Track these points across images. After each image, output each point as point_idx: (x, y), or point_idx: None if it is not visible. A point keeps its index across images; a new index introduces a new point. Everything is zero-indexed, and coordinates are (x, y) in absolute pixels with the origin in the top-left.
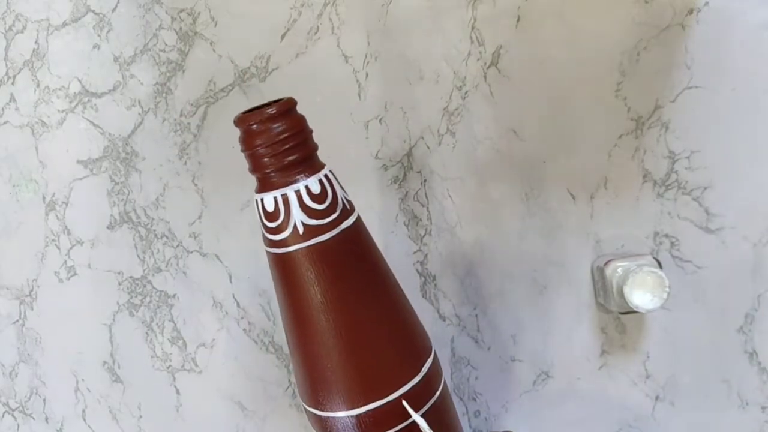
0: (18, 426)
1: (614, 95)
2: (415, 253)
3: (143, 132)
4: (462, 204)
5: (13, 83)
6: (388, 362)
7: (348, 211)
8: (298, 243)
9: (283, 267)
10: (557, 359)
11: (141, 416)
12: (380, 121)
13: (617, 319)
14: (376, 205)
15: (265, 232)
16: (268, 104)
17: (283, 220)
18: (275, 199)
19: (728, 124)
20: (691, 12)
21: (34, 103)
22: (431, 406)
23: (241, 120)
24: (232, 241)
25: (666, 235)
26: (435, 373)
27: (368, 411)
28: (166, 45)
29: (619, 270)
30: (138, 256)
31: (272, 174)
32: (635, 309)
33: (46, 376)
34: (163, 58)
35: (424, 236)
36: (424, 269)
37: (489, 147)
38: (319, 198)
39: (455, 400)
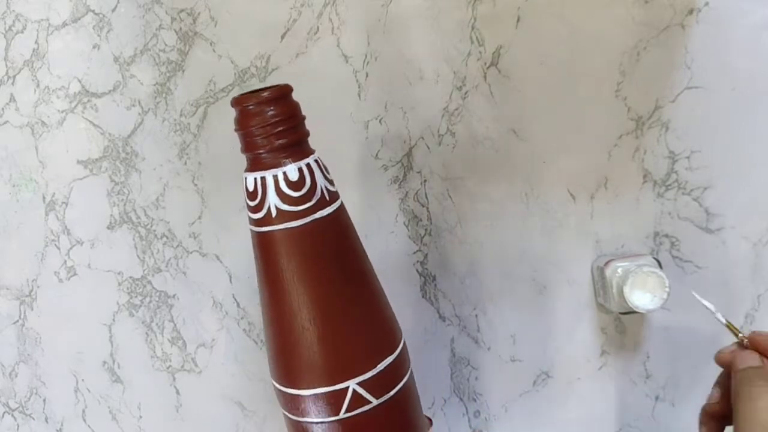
0: (18, 426)
1: (614, 95)
2: (415, 253)
3: (143, 132)
4: (462, 204)
5: (13, 83)
6: (351, 347)
7: (326, 201)
8: (271, 225)
9: (258, 245)
10: (557, 359)
11: (141, 416)
12: (380, 121)
13: (617, 319)
14: (376, 205)
15: (247, 209)
16: (266, 88)
17: (260, 201)
18: (255, 180)
19: (728, 124)
20: (691, 12)
21: (34, 103)
22: (402, 386)
23: (238, 101)
24: (232, 241)
25: (666, 235)
26: (405, 356)
27: (331, 391)
28: (166, 45)
29: (619, 270)
30: (138, 256)
31: (262, 154)
32: (635, 309)
33: (46, 376)
34: (163, 58)
35: (424, 236)
36: (424, 269)
37: (489, 147)
38: (295, 185)
39: (455, 400)
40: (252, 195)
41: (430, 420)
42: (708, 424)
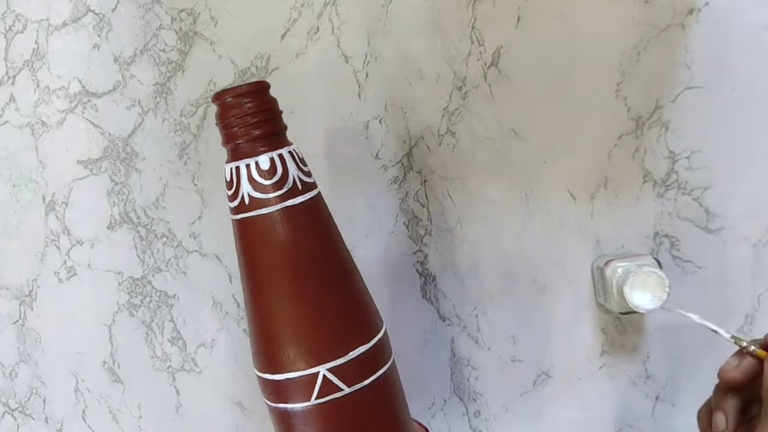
0: (18, 426)
1: (614, 95)
2: (415, 253)
3: (143, 132)
4: (462, 204)
5: (13, 83)
6: (322, 332)
7: (298, 190)
8: (245, 212)
9: (236, 233)
10: (557, 359)
11: (141, 416)
12: (380, 121)
13: (617, 319)
14: (376, 205)
15: (227, 199)
16: (245, 84)
17: (235, 189)
18: (231, 170)
19: (728, 124)
20: (691, 12)
21: (34, 103)
22: (379, 376)
23: (218, 95)
24: (232, 241)
25: (666, 235)
26: (384, 346)
27: (302, 376)
28: (166, 45)
29: (619, 270)
30: (138, 256)
31: (240, 144)
32: (635, 309)
33: (46, 376)
34: (163, 58)
35: (424, 236)
36: (424, 269)
37: (489, 147)
38: (267, 174)
39: (455, 400)
40: (229, 184)
41: (426, 429)
42: None
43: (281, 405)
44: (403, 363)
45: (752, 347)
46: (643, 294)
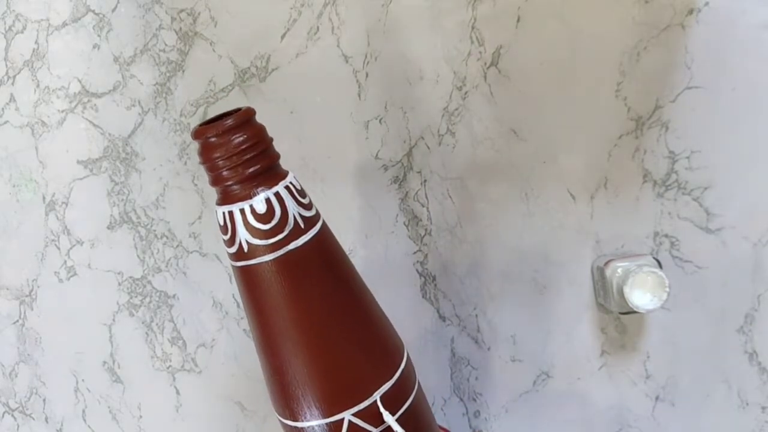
0: (18, 426)
1: (614, 95)
2: (415, 253)
3: (143, 132)
4: (462, 204)
5: (13, 83)
6: (356, 370)
7: (300, 230)
8: (246, 260)
9: (237, 279)
10: (557, 359)
11: (141, 416)
12: (380, 121)
13: (617, 319)
14: (376, 205)
15: (223, 242)
16: (226, 114)
17: (231, 235)
18: (224, 214)
19: (728, 124)
20: (691, 12)
21: (34, 103)
22: (407, 408)
23: (198, 133)
24: None
25: (666, 235)
26: (408, 376)
27: (341, 418)
28: (166, 45)
29: (619, 270)
30: (138, 257)
31: (233, 186)
32: (635, 309)
33: (46, 376)
34: (163, 58)
35: (424, 236)
36: (424, 269)
37: (489, 147)
38: (264, 218)
39: (455, 400)
40: (224, 229)
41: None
42: None
43: None
44: None
45: None
46: (643, 294)
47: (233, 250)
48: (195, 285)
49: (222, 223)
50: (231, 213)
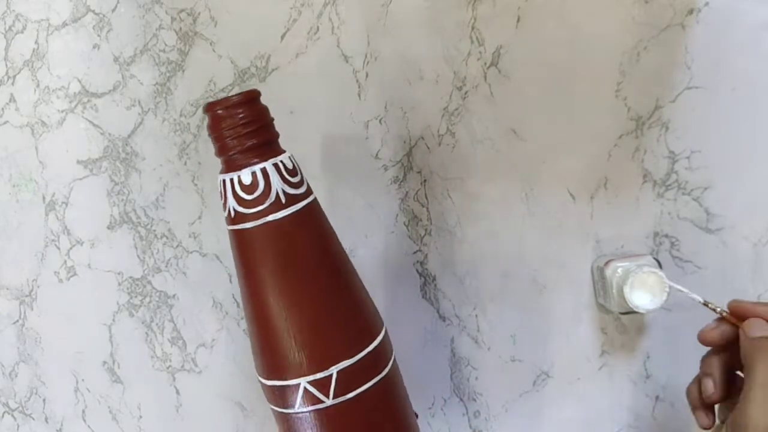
0: (18, 426)
1: (614, 95)
2: (415, 253)
3: (143, 132)
4: (462, 204)
5: (13, 83)
6: (333, 335)
7: (282, 204)
8: (232, 225)
9: (231, 241)
10: (557, 359)
11: (141, 416)
12: (380, 121)
13: (617, 319)
14: (376, 205)
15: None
16: (235, 95)
17: (224, 202)
18: (222, 182)
19: (728, 124)
20: (691, 12)
21: (34, 103)
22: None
23: (209, 106)
24: None
25: (666, 235)
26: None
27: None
28: (166, 45)
29: (619, 270)
30: (138, 256)
31: (234, 156)
32: (635, 309)
33: (46, 376)
34: (163, 58)
35: (424, 236)
36: (424, 269)
37: (489, 147)
38: (248, 189)
39: (455, 400)
40: (221, 195)
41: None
42: (705, 408)
43: (286, 410)
44: (403, 363)
45: (725, 312)
46: (643, 294)
47: (225, 215)
48: (195, 285)
49: (220, 190)
50: (224, 182)
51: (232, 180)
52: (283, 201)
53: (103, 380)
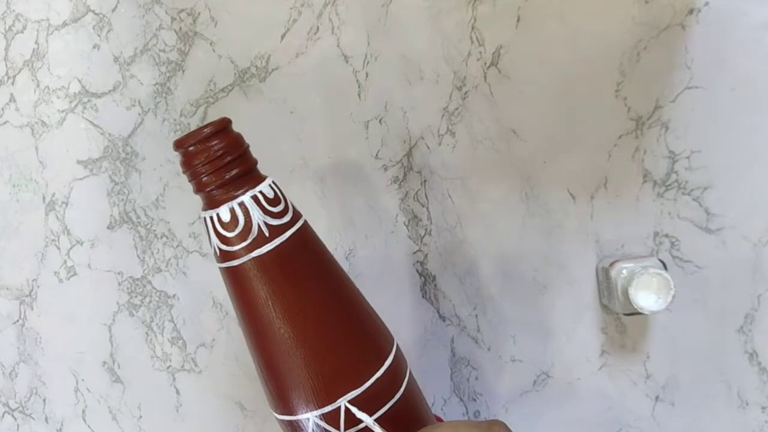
0: (18, 426)
1: (614, 95)
2: (415, 253)
3: (143, 132)
4: (462, 204)
5: (13, 83)
6: (339, 366)
7: (266, 238)
8: (221, 263)
9: (222, 278)
10: (557, 359)
11: (141, 416)
12: (380, 121)
13: (617, 319)
14: (376, 205)
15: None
16: (204, 126)
17: (209, 240)
18: (204, 220)
19: (728, 124)
20: (691, 12)
21: (34, 103)
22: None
23: (179, 143)
24: None
25: (666, 235)
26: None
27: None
28: (166, 45)
29: (624, 271)
30: (138, 256)
31: (213, 192)
32: (640, 310)
33: (46, 376)
34: (163, 58)
35: (424, 236)
36: (424, 269)
37: (489, 147)
38: (228, 226)
39: (455, 400)
40: (206, 232)
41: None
42: None
43: None
44: None
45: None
46: (648, 295)
47: (212, 252)
48: (195, 285)
49: (204, 227)
50: (205, 219)
51: (212, 218)
52: (267, 234)
53: (103, 380)
